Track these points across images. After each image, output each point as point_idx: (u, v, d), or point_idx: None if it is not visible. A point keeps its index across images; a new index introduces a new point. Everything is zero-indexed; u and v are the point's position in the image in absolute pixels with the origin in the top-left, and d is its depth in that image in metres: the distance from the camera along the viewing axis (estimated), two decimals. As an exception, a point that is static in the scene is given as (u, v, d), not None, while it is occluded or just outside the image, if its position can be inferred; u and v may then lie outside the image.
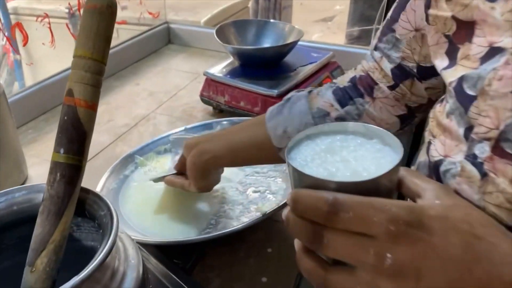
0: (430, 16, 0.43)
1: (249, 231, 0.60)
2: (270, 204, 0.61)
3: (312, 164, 0.32)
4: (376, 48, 0.53)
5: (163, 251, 0.56)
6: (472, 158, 0.37)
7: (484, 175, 0.36)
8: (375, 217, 0.27)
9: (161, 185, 0.66)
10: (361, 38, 1.20)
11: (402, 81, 0.51)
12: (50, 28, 0.88)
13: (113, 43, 1.16)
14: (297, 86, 0.88)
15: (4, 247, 0.43)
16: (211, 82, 0.92)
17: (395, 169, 0.30)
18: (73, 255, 0.41)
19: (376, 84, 0.54)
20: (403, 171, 0.33)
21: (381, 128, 0.34)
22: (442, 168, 0.40)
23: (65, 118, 0.39)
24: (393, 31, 0.50)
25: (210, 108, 0.95)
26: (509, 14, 0.34)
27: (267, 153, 0.57)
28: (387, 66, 0.52)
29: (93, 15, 0.39)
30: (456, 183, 0.38)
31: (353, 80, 0.56)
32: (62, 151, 0.39)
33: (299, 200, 0.29)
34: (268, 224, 0.62)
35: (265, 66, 0.93)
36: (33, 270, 0.38)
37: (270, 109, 0.58)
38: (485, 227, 0.28)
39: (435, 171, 0.42)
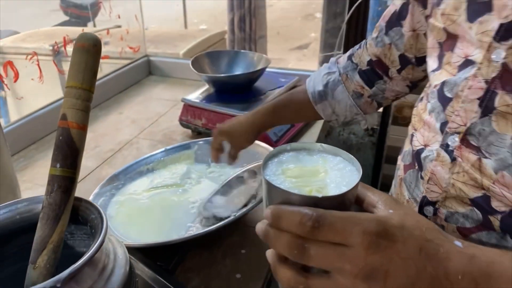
0: (429, 24, 0.53)
1: (225, 235, 0.68)
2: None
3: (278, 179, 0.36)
4: (386, 33, 0.63)
5: (148, 256, 0.63)
6: (445, 146, 0.47)
7: (453, 159, 0.46)
8: (352, 229, 0.31)
9: (145, 199, 0.73)
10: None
11: (406, 66, 0.63)
12: (38, 65, 0.96)
13: (97, 76, 1.25)
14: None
15: (6, 255, 0.49)
16: (189, 108, 1.01)
17: (359, 183, 0.35)
18: (67, 261, 0.47)
19: (389, 68, 0.65)
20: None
21: (340, 149, 0.39)
22: (423, 155, 0.51)
23: (60, 138, 0.47)
24: (401, 26, 0.61)
25: (189, 131, 1.03)
26: (480, 35, 0.43)
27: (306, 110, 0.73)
28: (395, 53, 0.63)
29: (82, 52, 0.48)
30: (432, 165, 0.49)
31: (370, 64, 0.67)
32: (58, 165, 0.46)
33: (282, 216, 0.33)
34: (242, 229, 0.70)
35: (237, 91, 1.03)
36: (36, 267, 0.44)
37: (311, 90, 0.72)
38: (431, 231, 0.34)
39: (417, 157, 0.52)
